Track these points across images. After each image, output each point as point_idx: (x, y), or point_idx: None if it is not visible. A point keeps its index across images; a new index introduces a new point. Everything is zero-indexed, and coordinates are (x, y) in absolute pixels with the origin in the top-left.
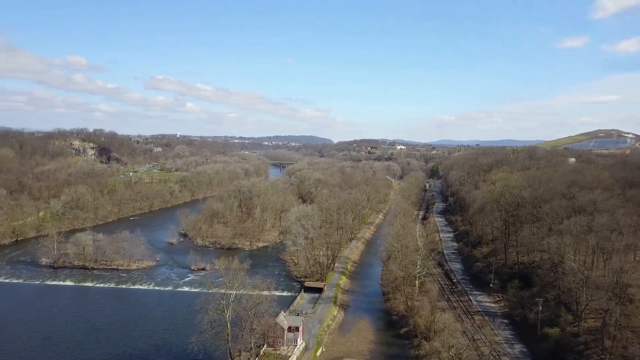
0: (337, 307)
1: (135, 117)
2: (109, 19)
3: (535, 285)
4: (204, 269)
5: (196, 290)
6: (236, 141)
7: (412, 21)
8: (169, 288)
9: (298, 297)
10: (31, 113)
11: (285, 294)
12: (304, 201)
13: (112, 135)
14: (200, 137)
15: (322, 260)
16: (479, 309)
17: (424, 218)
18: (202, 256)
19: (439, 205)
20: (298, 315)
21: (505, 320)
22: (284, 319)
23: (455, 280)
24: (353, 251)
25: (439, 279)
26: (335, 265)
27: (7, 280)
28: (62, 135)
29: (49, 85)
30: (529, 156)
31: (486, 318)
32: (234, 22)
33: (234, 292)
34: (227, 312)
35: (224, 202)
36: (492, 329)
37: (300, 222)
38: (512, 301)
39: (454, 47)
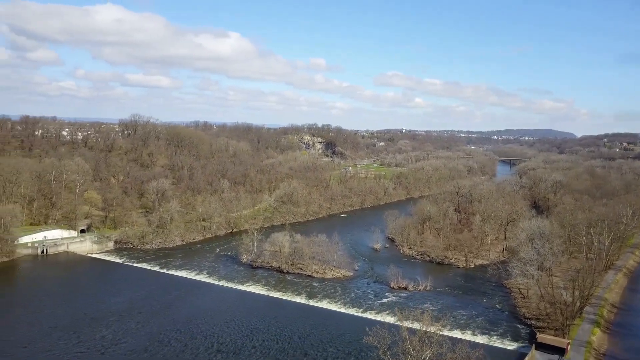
0: None
1: (365, 113)
2: (344, 24)
3: None
4: (405, 289)
5: (391, 321)
6: (462, 135)
7: None
8: (361, 310)
9: (526, 358)
10: (280, 111)
11: (505, 345)
12: (537, 210)
13: (338, 130)
14: (426, 131)
15: (564, 299)
16: None
17: None
18: (406, 270)
19: None
20: None
21: None
22: None
23: None
24: (610, 288)
25: None
26: (585, 309)
27: (204, 279)
28: (295, 130)
29: (295, 85)
30: None
31: None
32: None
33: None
34: None
35: (438, 205)
36: None
37: (534, 243)
38: None
39: None
